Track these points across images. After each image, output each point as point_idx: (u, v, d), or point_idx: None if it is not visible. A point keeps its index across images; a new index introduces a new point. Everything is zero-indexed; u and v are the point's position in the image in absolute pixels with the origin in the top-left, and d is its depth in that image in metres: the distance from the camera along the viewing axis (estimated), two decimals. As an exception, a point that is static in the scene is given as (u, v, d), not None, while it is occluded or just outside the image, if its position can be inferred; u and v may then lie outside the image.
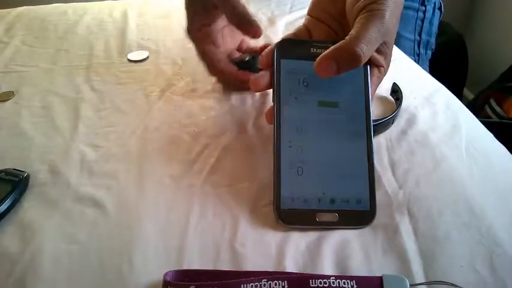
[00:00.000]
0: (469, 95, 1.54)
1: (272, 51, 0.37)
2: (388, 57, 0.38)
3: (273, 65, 0.37)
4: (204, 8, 0.44)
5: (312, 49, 0.37)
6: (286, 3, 0.74)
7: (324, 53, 0.33)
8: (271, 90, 0.37)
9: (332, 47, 0.33)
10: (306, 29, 0.41)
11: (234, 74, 0.46)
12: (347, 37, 0.33)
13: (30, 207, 0.36)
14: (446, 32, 1.40)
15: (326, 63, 0.33)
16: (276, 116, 0.35)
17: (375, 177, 0.35)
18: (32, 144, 0.43)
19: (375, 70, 0.38)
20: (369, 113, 0.36)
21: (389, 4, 0.34)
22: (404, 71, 0.53)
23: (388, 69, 0.39)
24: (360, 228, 0.33)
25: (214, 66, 0.47)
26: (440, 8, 0.80)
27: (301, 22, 0.43)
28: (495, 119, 1.20)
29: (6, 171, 0.38)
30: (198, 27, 0.46)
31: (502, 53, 1.44)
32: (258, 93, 0.49)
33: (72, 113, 0.48)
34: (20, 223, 0.34)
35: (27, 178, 0.38)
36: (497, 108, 1.20)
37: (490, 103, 1.24)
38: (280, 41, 0.38)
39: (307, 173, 0.34)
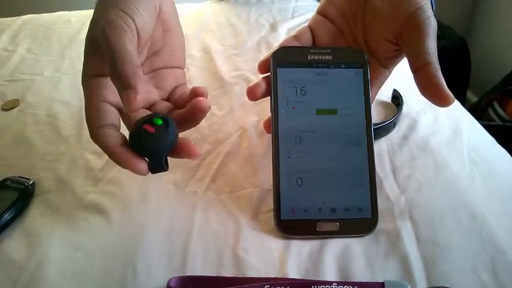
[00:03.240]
0: (472, 98, 1.54)
1: (268, 59, 0.37)
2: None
3: (269, 73, 0.36)
4: (98, 52, 0.31)
5: (309, 56, 0.37)
6: (288, 9, 0.75)
7: (440, 83, 0.32)
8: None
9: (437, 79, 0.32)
10: (309, 30, 0.40)
11: (115, 153, 0.31)
12: (427, 63, 0.33)
13: (35, 215, 0.36)
14: (449, 36, 1.40)
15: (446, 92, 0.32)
16: (274, 126, 0.35)
17: (376, 184, 0.35)
18: (37, 152, 0.44)
19: (381, 70, 0.38)
20: (369, 119, 0.36)
21: (428, 5, 0.34)
22: (406, 76, 0.53)
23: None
24: (361, 236, 0.33)
25: (93, 134, 0.32)
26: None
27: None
28: (498, 122, 1.19)
29: (12, 179, 0.38)
30: (92, 75, 0.32)
31: (505, 55, 1.43)
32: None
33: (76, 120, 0.48)
34: (25, 230, 0.35)
35: (32, 186, 0.38)
36: (501, 111, 1.20)
37: (493, 106, 1.23)
38: (276, 49, 0.37)
39: (307, 183, 0.34)
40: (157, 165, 0.32)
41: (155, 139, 0.31)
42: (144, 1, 0.32)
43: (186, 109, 0.34)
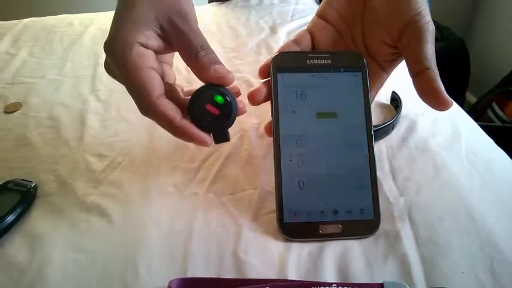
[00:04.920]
0: (472, 99, 1.54)
1: (268, 64, 0.37)
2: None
3: (270, 78, 0.37)
4: (159, 29, 0.32)
5: (308, 61, 0.37)
6: (288, 11, 0.75)
7: (438, 88, 0.33)
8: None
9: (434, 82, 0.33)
10: (308, 33, 0.40)
11: (180, 126, 0.32)
12: (426, 68, 0.33)
13: (37, 217, 0.37)
14: (448, 37, 1.40)
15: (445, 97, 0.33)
16: (275, 130, 0.35)
17: (377, 185, 0.35)
18: (39, 155, 0.44)
19: (380, 73, 0.38)
20: (369, 121, 0.36)
21: (427, 10, 0.34)
22: (405, 78, 0.53)
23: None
24: (363, 238, 0.33)
25: (152, 104, 0.31)
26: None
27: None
28: (498, 123, 1.20)
29: (14, 182, 0.38)
30: (140, 43, 0.31)
31: (504, 56, 1.44)
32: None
33: (78, 123, 0.49)
34: (28, 233, 0.35)
35: (34, 188, 0.39)
36: (500, 112, 1.20)
37: (493, 107, 1.23)
38: (276, 55, 0.37)
39: (308, 185, 0.34)
40: (222, 138, 0.34)
41: (220, 120, 0.33)
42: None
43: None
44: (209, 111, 0.33)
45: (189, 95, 0.34)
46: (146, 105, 0.31)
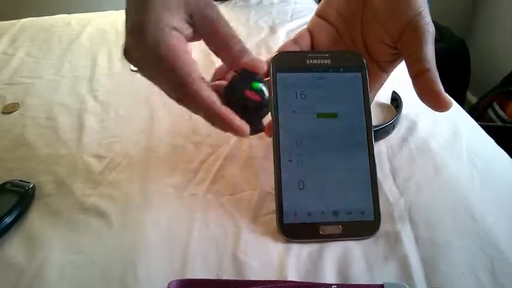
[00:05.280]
0: (472, 99, 1.54)
1: (268, 64, 0.36)
2: None
3: (269, 78, 0.36)
4: (188, 16, 0.31)
5: (308, 60, 0.37)
6: (287, 11, 0.75)
7: (438, 89, 0.32)
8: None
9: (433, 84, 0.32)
10: (307, 33, 0.40)
11: (221, 112, 0.31)
12: (426, 70, 0.33)
13: (35, 218, 0.37)
14: (448, 38, 1.40)
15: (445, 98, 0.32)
16: (274, 131, 0.35)
17: (378, 186, 0.35)
18: (37, 156, 0.44)
19: (380, 74, 0.38)
20: (369, 121, 0.36)
21: (427, 10, 0.34)
22: (405, 78, 0.53)
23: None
24: (364, 239, 0.33)
25: (193, 88, 0.30)
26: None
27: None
28: (498, 123, 1.19)
29: (12, 183, 0.38)
30: (174, 27, 0.30)
31: (505, 56, 1.43)
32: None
33: (76, 123, 0.48)
34: (26, 234, 0.35)
35: (33, 189, 0.38)
36: (501, 112, 1.20)
37: (493, 107, 1.23)
38: (276, 55, 0.37)
39: (309, 186, 0.34)
40: (259, 128, 0.34)
41: (260, 106, 0.32)
42: None
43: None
44: (249, 97, 0.32)
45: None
46: (187, 90, 0.30)
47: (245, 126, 0.32)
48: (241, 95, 0.32)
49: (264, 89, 0.33)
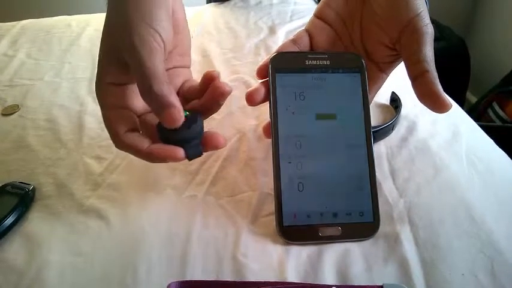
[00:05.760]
0: (472, 98, 1.54)
1: (267, 64, 0.37)
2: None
3: (268, 79, 0.36)
4: (119, 63, 0.32)
5: (307, 61, 0.37)
6: (287, 12, 0.75)
7: (437, 91, 0.32)
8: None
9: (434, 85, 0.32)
10: (306, 34, 0.40)
11: (152, 153, 0.33)
12: (425, 72, 0.33)
13: (35, 220, 0.37)
14: (448, 37, 1.40)
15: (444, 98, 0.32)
16: (273, 132, 0.35)
17: (377, 188, 0.35)
18: (37, 157, 0.44)
19: (378, 74, 0.38)
20: (368, 122, 0.36)
21: (426, 12, 0.34)
22: (404, 79, 0.53)
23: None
24: (363, 240, 0.33)
25: (119, 140, 0.33)
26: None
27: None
28: (498, 122, 1.19)
29: (13, 185, 0.38)
30: (111, 83, 0.33)
31: (505, 56, 1.43)
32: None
33: (76, 125, 0.48)
34: (26, 236, 0.35)
35: (33, 191, 0.38)
36: (500, 112, 1.20)
37: (493, 107, 1.23)
38: (275, 55, 0.37)
39: (308, 188, 0.34)
40: (195, 151, 0.34)
41: (188, 128, 0.33)
42: (164, 11, 0.33)
43: (206, 96, 0.35)
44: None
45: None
46: (115, 142, 0.34)
47: (176, 151, 0.33)
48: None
49: (197, 114, 0.34)
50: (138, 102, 0.35)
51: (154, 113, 0.31)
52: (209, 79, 0.35)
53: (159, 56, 0.31)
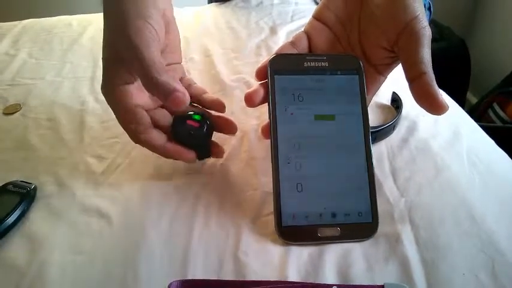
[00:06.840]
0: (473, 99, 1.54)
1: (266, 66, 0.37)
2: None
3: (267, 80, 0.36)
4: (123, 63, 0.35)
5: (305, 63, 0.37)
6: (287, 12, 0.75)
7: (435, 93, 0.32)
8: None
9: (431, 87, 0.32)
10: (305, 35, 0.40)
11: (167, 150, 0.38)
12: (422, 74, 0.33)
13: (37, 219, 0.37)
14: (448, 37, 1.40)
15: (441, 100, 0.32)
16: (272, 133, 0.35)
17: (375, 188, 0.35)
18: (38, 156, 0.44)
19: (376, 76, 0.38)
20: (367, 123, 0.36)
21: (424, 14, 0.34)
22: (405, 79, 0.53)
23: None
24: (362, 240, 0.33)
25: (139, 138, 0.37)
26: (429, 8, 0.80)
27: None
28: (498, 123, 1.19)
29: (14, 184, 0.38)
30: (121, 84, 0.36)
31: (505, 56, 1.43)
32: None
33: (77, 124, 0.49)
34: (27, 234, 0.35)
35: (34, 190, 0.38)
36: (501, 113, 1.20)
37: (494, 107, 1.23)
38: (273, 57, 0.37)
39: (307, 188, 0.34)
40: (205, 153, 0.40)
41: (201, 131, 0.38)
42: (157, 11, 0.35)
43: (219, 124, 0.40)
44: (191, 125, 0.38)
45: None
46: (133, 139, 0.38)
47: (189, 153, 0.38)
48: (184, 124, 0.38)
49: (207, 118, 0.39)
50: (146, 98, 0.38)
51: (160, 100, 0.34)
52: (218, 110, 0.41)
53: (155, 45, 0.34)
